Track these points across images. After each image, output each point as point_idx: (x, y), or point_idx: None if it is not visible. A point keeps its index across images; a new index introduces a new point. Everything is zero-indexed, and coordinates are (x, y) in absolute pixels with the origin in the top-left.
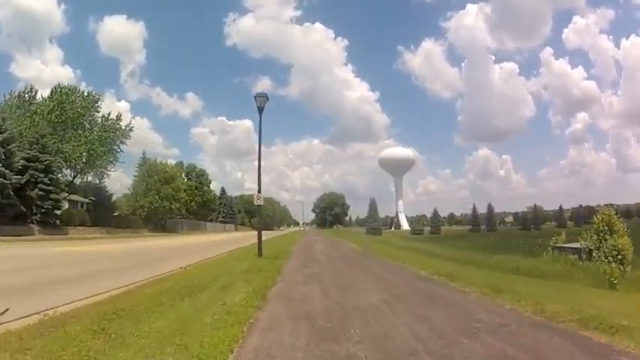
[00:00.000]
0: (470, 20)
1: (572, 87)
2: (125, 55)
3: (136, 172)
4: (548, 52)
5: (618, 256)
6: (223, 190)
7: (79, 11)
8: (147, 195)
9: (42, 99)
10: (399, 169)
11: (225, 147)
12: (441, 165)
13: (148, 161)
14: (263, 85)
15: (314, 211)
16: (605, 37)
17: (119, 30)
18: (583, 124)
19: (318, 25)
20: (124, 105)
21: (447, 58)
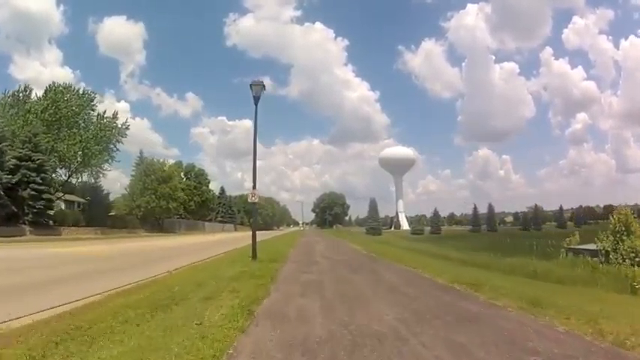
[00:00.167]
0: (470, 20)
1: (572, 87)
2: (125, 55)
3: (133, 172)
4: (548, 52)
5: (636, 258)
6: (222, 189)
7: (78, 12)
8: (143, 194)
9: (36, 98)
10: (399, 168)
11: (225, 147)
12: (440, 165)
13: (145, 160)
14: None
15: (314, 211)
16: (605, 38)
17: (119, 31)
18: (583, 124)
19: (319, 25)
20: (123, 105)
21: (447, 58)
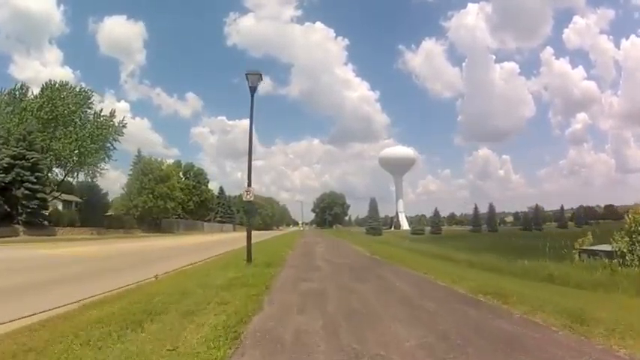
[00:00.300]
0: (471, 20)
1: (573, 87)
2: (125, 55)
3: (131, 171)
4: (549, 52)
5: None
6: (222, 189)
7: (78, 12)
8: (141, 194)
9: (32, 96)
10: (399, 168)
11: (225, 147)
12: (440, 165)
13: (143, 159)
14: (263, 84)
15: (314, 210)
16: (606, 38)
17: (119, 30)
18: (583, 124)
19: (319, 24)
20: (123, 105)
21: (447, 57)
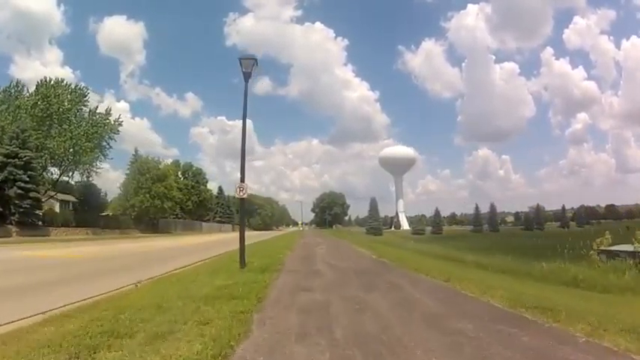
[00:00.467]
0: (470, 20)
1: (573, 87)
2: (125, 55)
3: (128, 171)
4: (549, 52)
5: None
6: (221, 189)
7: (78, 12)
8: (137, 194)
9: (28, 93)
10: (399, 168)
11: (224, 147)
12: (440, 165)
13: (140, 158)
14: (263, 84)
15: (313, 210)
16: (606, 38)
17: (119, 30)
18: (583, 124)
19: (319, 24)
20: (123, 105)
21: (447, 58)
